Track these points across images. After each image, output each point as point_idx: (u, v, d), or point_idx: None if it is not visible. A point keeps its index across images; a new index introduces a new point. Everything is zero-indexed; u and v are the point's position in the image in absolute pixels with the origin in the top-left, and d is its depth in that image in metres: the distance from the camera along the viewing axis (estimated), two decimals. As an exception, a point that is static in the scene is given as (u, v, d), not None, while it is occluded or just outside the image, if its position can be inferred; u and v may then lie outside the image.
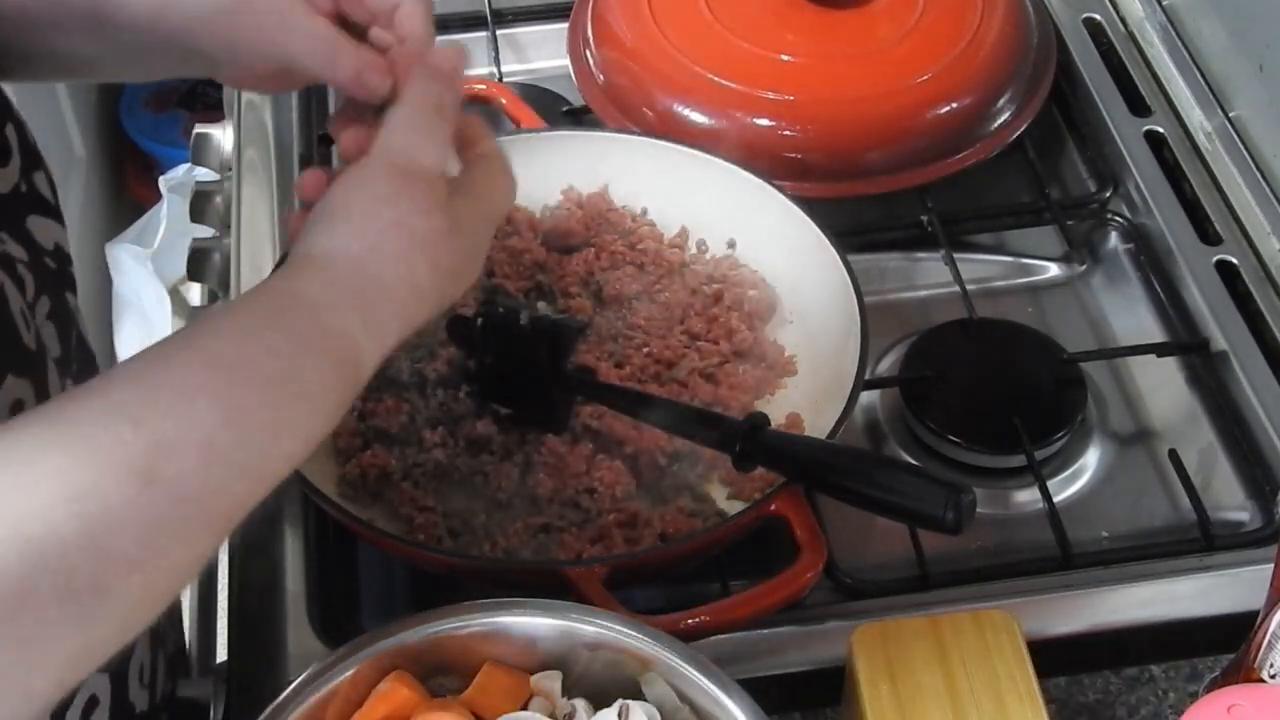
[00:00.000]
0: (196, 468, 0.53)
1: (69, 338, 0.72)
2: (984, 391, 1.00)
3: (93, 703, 0.72)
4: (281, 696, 0.70)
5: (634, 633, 0.72)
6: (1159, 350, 1.02)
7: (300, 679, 0.71)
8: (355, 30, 0.71)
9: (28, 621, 0.48)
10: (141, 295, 2.00)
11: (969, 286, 1.04)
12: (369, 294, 0.62)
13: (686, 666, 0.70)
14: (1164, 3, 1.22)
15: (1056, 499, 0.93)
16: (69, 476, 0.50)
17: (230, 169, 1.14)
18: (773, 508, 0.82)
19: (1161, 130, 1.13)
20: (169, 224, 1.99)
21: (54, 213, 0.75)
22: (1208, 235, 1.06)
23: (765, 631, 0.82)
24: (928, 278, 1.09)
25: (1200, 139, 1.13)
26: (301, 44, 0.69)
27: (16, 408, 0.64)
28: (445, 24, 1.25)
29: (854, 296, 0.91)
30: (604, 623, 0.72)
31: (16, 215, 0.71)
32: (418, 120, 0.68)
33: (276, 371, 0.57)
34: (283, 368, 0.58)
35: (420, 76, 0.70)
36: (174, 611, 0.92)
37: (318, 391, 0.59)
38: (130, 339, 1.99)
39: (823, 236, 0.95)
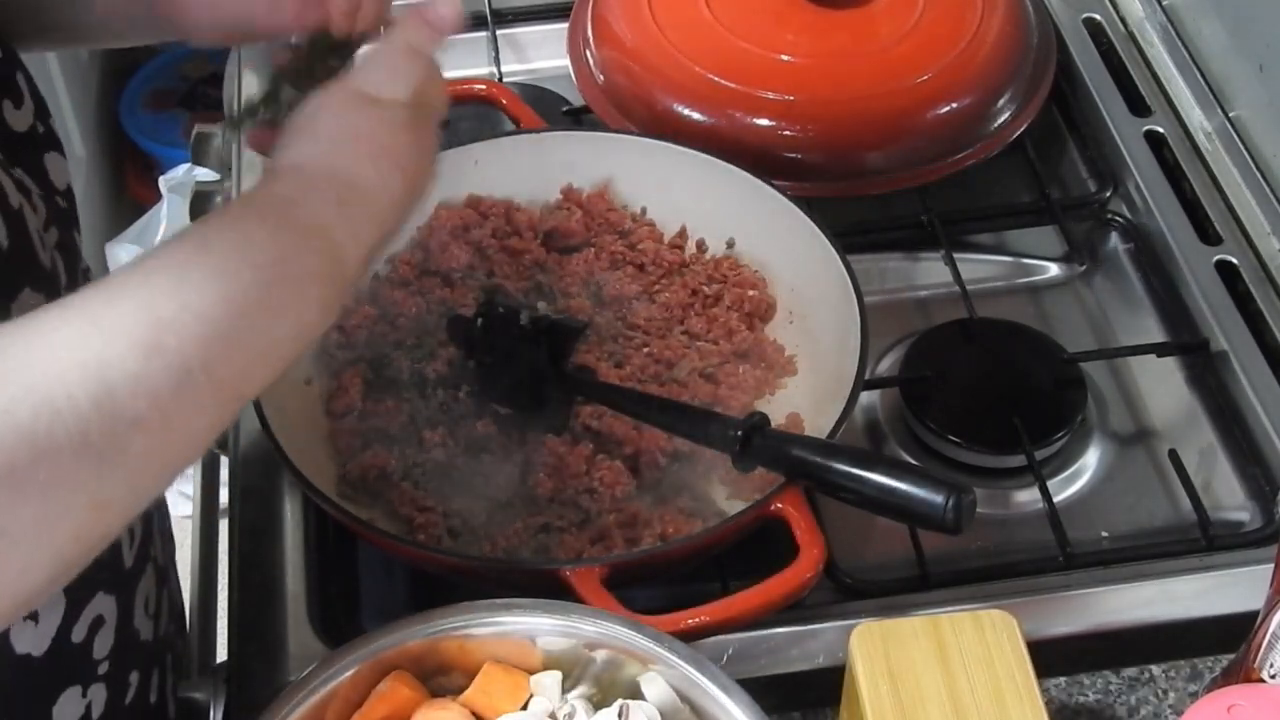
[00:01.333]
0: (196, 340, 0.58)
1: (75, 271, 0.75)
2: (984, 391, 1.00)
3: (99, 622, 0.74)
4: (281, 696, 0.70)
5: (634, 633, 0.72)
6: (1159, 350, 1.02)
7: (300, 679, 0.71)
8: None
9: (48, 473, 0.52)
10: (141, 295, 1.99)
11: (969, 286, 1.04)
12: (341, 193, 0.67)
13: (686, 666, 0.70)
14: (1164, 3, 1.22)
15: (1056, 499, 0.93)
16: (81, 348, 0.55)
17: (230, 169, 1.14)
18: (773, 508, 0.82)
19: (1161, 130, 1.13)
20: (169, 224, 1.99)
21: (65, 152, 0.78)
22: (1208, 235, 1.06)
23: (765, 631, 0.82)
24: (928, 278, 1.09)
25: (1200, 139, 1.12)
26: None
27: None
28: (445, 24, 1.25)
29: (854, 296, 0.91)
30: (604, 623, 0.72)
31: (34, 152, 0.74)
32: (389, 59, 0.74)
33: (263, 257, 0.62)
34: (269, 254, 0.63)
35: (404, 22, 0.76)
36: (171, 547, 0.94)
37: (303, 276, 0.64)
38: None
39: (823, 236, 0.95)
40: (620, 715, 0.70)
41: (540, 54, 1.26)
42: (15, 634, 0.68)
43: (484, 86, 1.10)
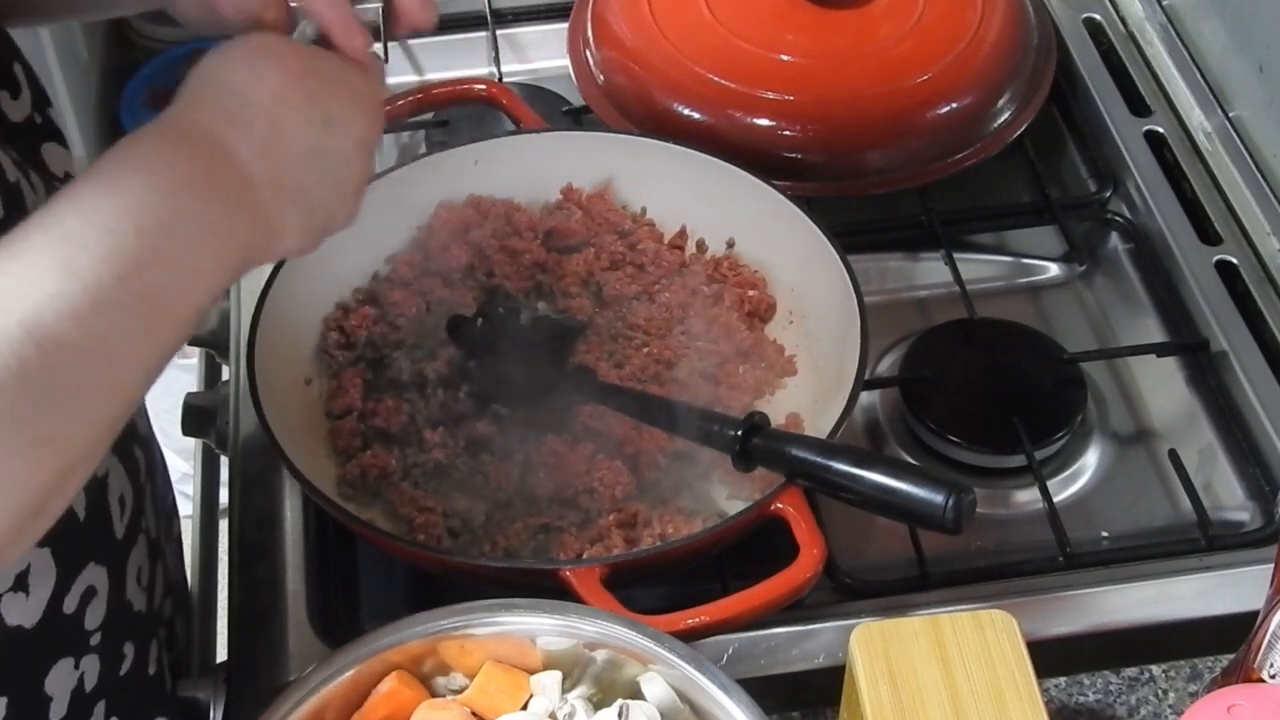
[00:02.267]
0: (107, 255, 0.58)
1: None
2: (984, 391, 1.00)
3: (90, 593, 0.74)
4: (281, 696, 0.70)
5: (634, 633, 0.72)
6: (1159, 350, 1.02)
7: (300, 679, 0.71)
8: None
9: None
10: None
11: (969, 286, 1.04)
12: (226, 101, 0.67)
13: (686, 666, 0.70)
14: (1164, 3, 1.22)
15: (1056, 499, 0.93)
16: (3, 274, 0.56)
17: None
18: (773, 508, 0.82)
19: (1161, 130, 1.13)
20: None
21: (65, 142, 0.79)
22: (1208, 235, 1.06)
23: (765, 631, 0.82)
24: (928, 278, 1.09)
25: (1200, 139, 1.12)
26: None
27: None
28: (445, 24, 1.25)
29: (854, 296, 0.91)
30: (604, 623, 0.72)
31: (33, 142, 0.75)
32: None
33: (151, 162, 0.63)
34: (156, 158, 0.63)
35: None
36: (173, 527, 0.94)
37: (195, 172, 0.63)
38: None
39: (823, 236, 0.95)
40: (620, 715, 0.70)
41: (540, 54, 1.26)
42: (6, 606, 0.69)
43: (484, 86, 1.10)
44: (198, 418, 1.02)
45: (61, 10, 0.93)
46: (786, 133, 1.08)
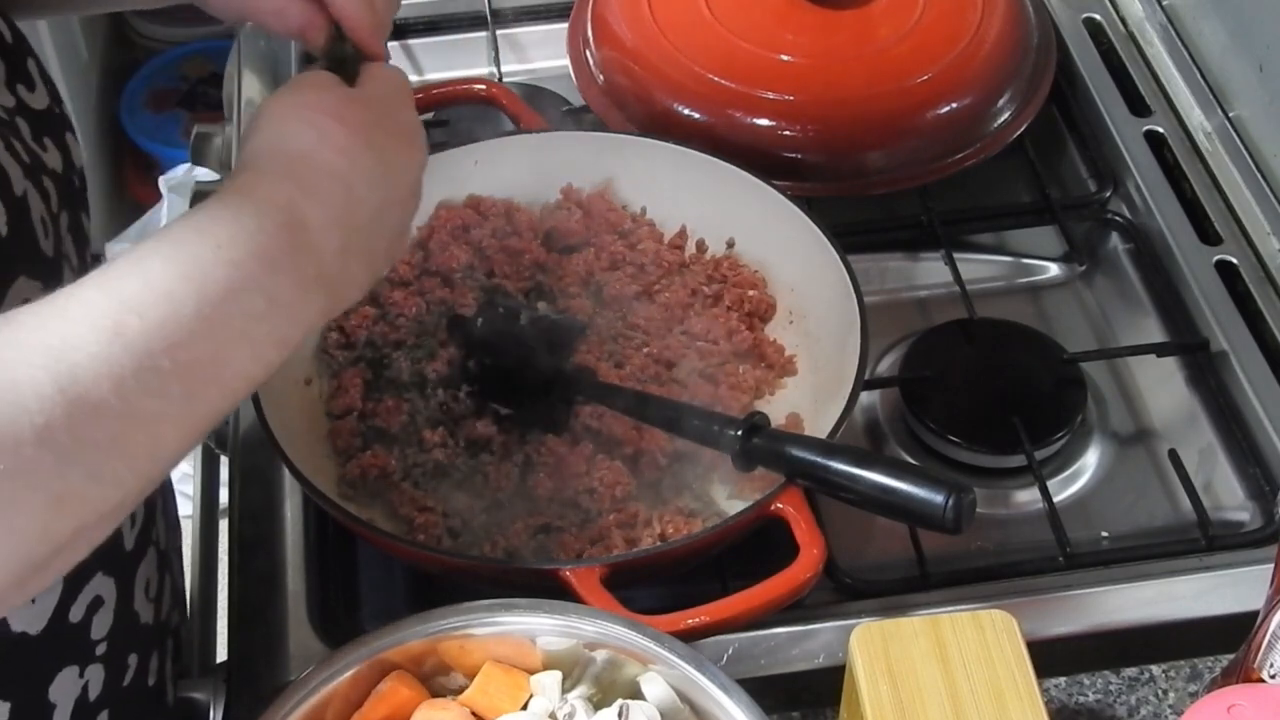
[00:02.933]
0: (161, 321, 0.57)
1: (85, 255, 0.75)
2: (984, 391, 1.00)
3: (97, 602, 0.74)
4: (281, 696, 0.70)
5: (634, 633, 0.72)
6: (1159, 350, 1.02)
7: (300, 679, 0.71)
8: None
9: (9, 459, 0.52)
10: (141, 295, 1.99)
11: (969, 286, 1.04)
12: (297, 167, 0.67)
13: (686, 666, 0.70)
14: (1164, 3, 1.22)
15: (1056, 499, 0.93)
16: (46, 331, 0.55)
17: (230, 169, 1.14)
18: (773, 508, 0.82)
19: (1161, 130, 1.13)
20: (169, 224, 1.99)
21: (77, 136, 0.78)
22: (1208, 235, 1.06)
23: (765, 631, 0.82)
24: (928, 278, 1.09)
25: (1200, 139, 1.12)
26: (248, 4, 0.78)
27: None
28: (445, 24, 1.26)
29: (854, 296, 0.91)
30: (604, 623, 0.72)
31: (56, 130, 0.74)
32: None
33: (224, 234, 0.62)
34: (229, 229, 0.62)
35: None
36: (176, 540, 0.94)
37: (268, 245, 0.62)
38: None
39: (823, 236, 0.95)
40: (620, 715, 0.70)
41: (540, 54, 1.26)
42: (11, 612, 0.68)
43: (484, 86, 1.10)
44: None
45: (68, 2, 0.93)
46: (786, 133, 1.08)
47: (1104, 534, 0.95)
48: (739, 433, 0.84)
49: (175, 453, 0.59)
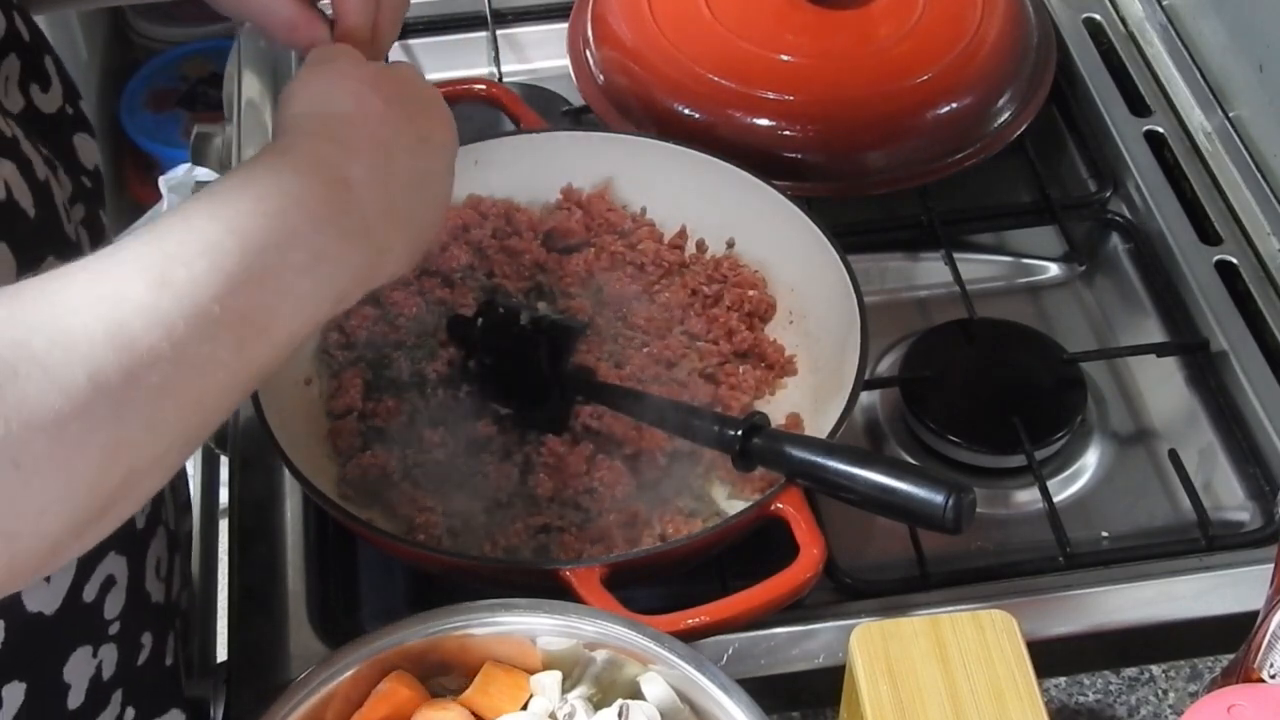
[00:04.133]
0: (206, 271, 0.58)
1: (99, 249, 0.74)
2: (984, 391, 1.00)
3: (109, 582, 0.74)
4: (281, 696, 0.70)
5: (634, 633, 0.72)
6: (1159, 350, 1.02)
7: (300, 679, 0.71)
8: None
9: (64, 406, 0.52)
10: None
11: (969, 286, 1.04)
12: (339, 128, 0.68)
13: (686, 666, 0.70)
14: (1164, 3, 1.22)
15: (1056, 499, 0.93)
16: (97, 284, 0.56)
17: (230, 169, 1.14)
18: (773, 508, 0.82)
19: (1161, 130, 1.13)
20: (169, 224, 1.99)
21: (94, 133, 0.79)
22: (1208, 235, 1.06)
23: (765, 631, 0.82)
24: (928, 278, 1.09)
25: (1200, 139, 1.12)
26: (257, 9, 0.78)
27: None
28: (445, 24, 1.26)
29: (854, 296, 0.91)
30: (604, 623, 0.72)
31: (62, 133, 0.75)
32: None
33: (265, 187, 0.62)
34: (270, 183, 0.63)
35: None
36: (185, 522, 0.94)
37: (309, 199, 0.63)
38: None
39: (823, 236, 0.95)
40: (620, 715, 0.70)
41: (540, 54, 1.26)
42: (26, 592, 0.69)
43: (484, 86, 1.10)
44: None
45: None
46: (786, 133, 1.08)
47: (1104, 534, 0.95)
48: (739, 433, 0.84)
49: (229, 403, 0.60)
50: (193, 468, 1.08)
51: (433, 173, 0.72)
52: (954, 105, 1.10)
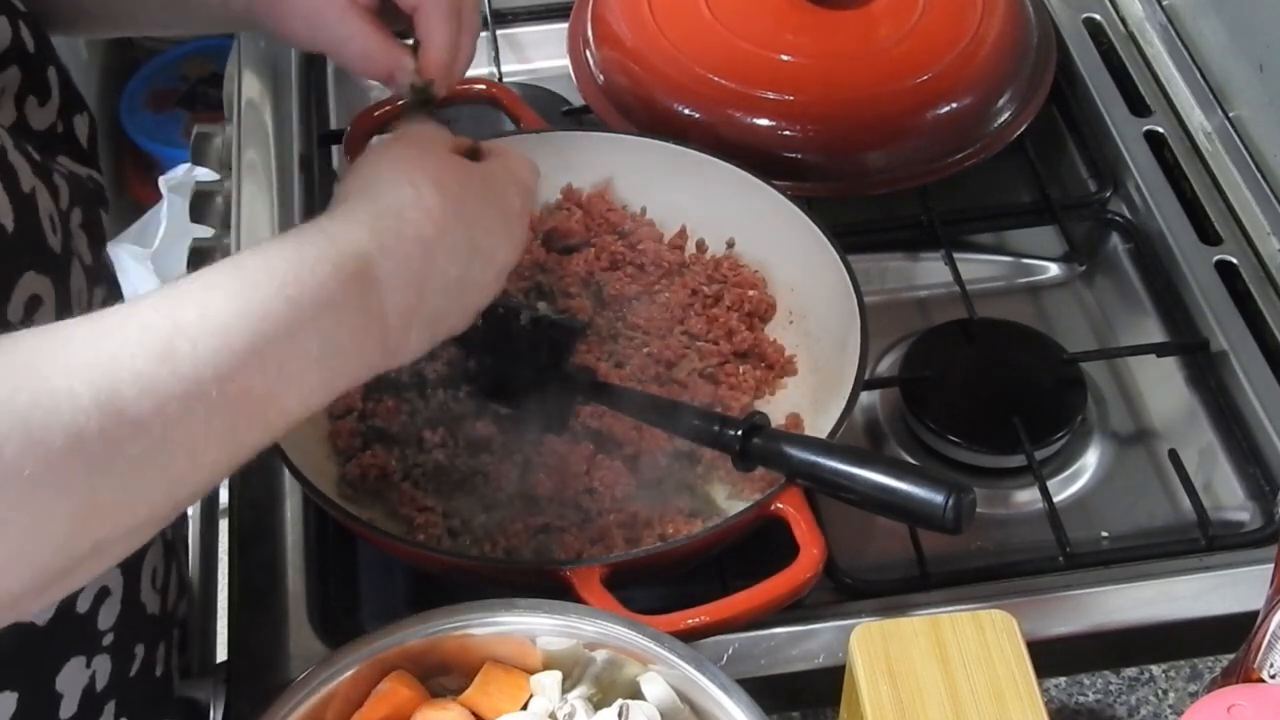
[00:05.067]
0: (214, 350, 0.57)
1: (99, 252, 0.75)
2: (984, 391, 1.00)
3: (104, 593, 0.74)
4: (281, 696, 0.70)
5: (634, 633, 0.72)
6: (1159, 350, 1.02)
7: (300, 679, 0.71)
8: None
9: (35, 465, 0.51)
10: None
11: (969, 286, 1.04)
12: (382, 221, 0.66)
13: (686, 666, 0.70)
14: (1164, 3, 1.22)
15: (1056, 499, 0.93)
16: (95, 347, 0.55)
17: (230, 169, 1.14)
18: (773, 508, 0.82)
19: (1161, 130, 1.13)
20: (169, 224, 1.99)
21: (87, 158, 0.78)
22: (1208, 235, 1.06)
23: (765, 631, 0.82)
24: (928, 278, 1.09)
25: (1200, 139, 1.12)
26: (331, 43, 0.77)
27: (33, 302, 0.66)
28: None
29: (854, 296, 0.91)
30: (604, 623, 0.72)
31: (50, 153, 0.74)
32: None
33: (292, 274, 0.61)
34: (297, 270, 0.61)
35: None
36: (182, 529, 0.94)
37: (334, 292, 0.62)
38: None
39: (823, 236, 0.95)
40: (620, 715, 0.70)
41: (540, 54, 1.26)
42: None
43: (484, 86, 1.09)
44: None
45: (115, 24, 0.92)
46: (786, 133, 1.08)
47: (1104, 534, 0.95)
48: (739, 433, 0.84)
49: (209, 481, 0.59)
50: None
51: (474, 284, 0.70)
52: (954, 105, 1.10)
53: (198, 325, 0.57)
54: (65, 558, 0.54)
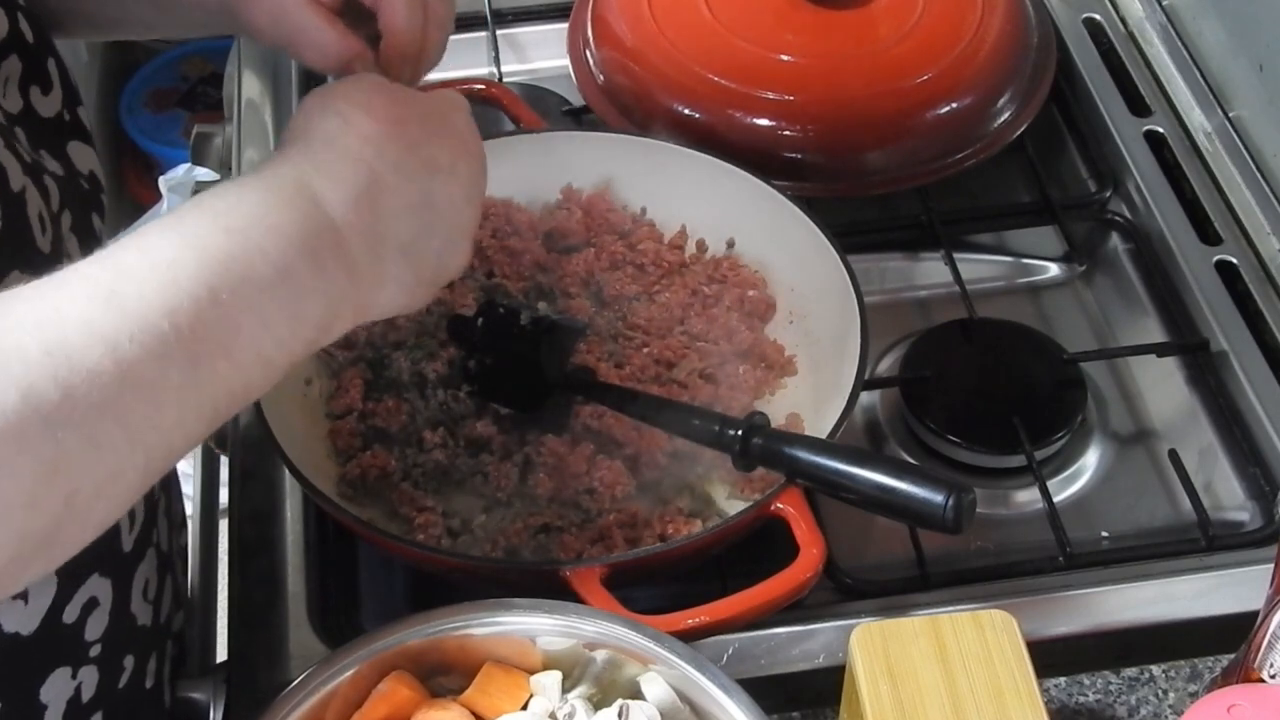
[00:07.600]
0: (159, 287, 0.56)
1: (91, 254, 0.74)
2: (984, 391, 1.00)
3: (92, 604, 0.73)
4: (281, 696, 0.70)
5: (634, 633, 0.72)
6: (1159, 350, 1.02)
7: (300, 679, 0.71)
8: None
9: None
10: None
11: (969, 286, 1.04)
12: (315, 149, 0.66)
13: (686, 666, 0.70)
14: (1164, 3, 1.22)
15: (1056, 499, 0.93)
16: (40, 302, 0.55)
17: (230, 169, 1.14)
18: (773, 508, 0.82)
19: (1161, 130, 1.13)
20: (169, 224, 1.99)
21: (93, 142, 0.78)
22: (1208, 235, 1.06)
23: (765, 631, 0.82)
24: (928, 278, 1.09)
25: (1200, 139, 1.12)
26: (290, 35, 0.76)
27: None
28: (445, 24, 1.25)
29: (854, 296, 0.91)
30: (604, 623, 0.72)
31: (58, 139, 0.74)
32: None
33: (229, 205, 0.61)
34: (234, 201, 0.62)
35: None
36: (180, 538, 0.94)
37: (273, 215, 0.62)
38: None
39: (823, 236, 0.95)
40: (620, 715, 0.70)
41: (540, 54, 1.26)
42: (3, 612, 0.68)
43: (484, 86, 1.10)
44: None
45: (114, 27, 0.92)
46: (786, 133, 1.08)
47: (1104, 534, 0.95)
48: (739, 433, 0.84)
49: (181, 424, 0.58)
50: (192, 468, 1.08)
51: (439, 201, 0.69)
52: (954, 105, 1.10)
53: (139, 266, 0.57)
54: (35, 518, 0.53)
